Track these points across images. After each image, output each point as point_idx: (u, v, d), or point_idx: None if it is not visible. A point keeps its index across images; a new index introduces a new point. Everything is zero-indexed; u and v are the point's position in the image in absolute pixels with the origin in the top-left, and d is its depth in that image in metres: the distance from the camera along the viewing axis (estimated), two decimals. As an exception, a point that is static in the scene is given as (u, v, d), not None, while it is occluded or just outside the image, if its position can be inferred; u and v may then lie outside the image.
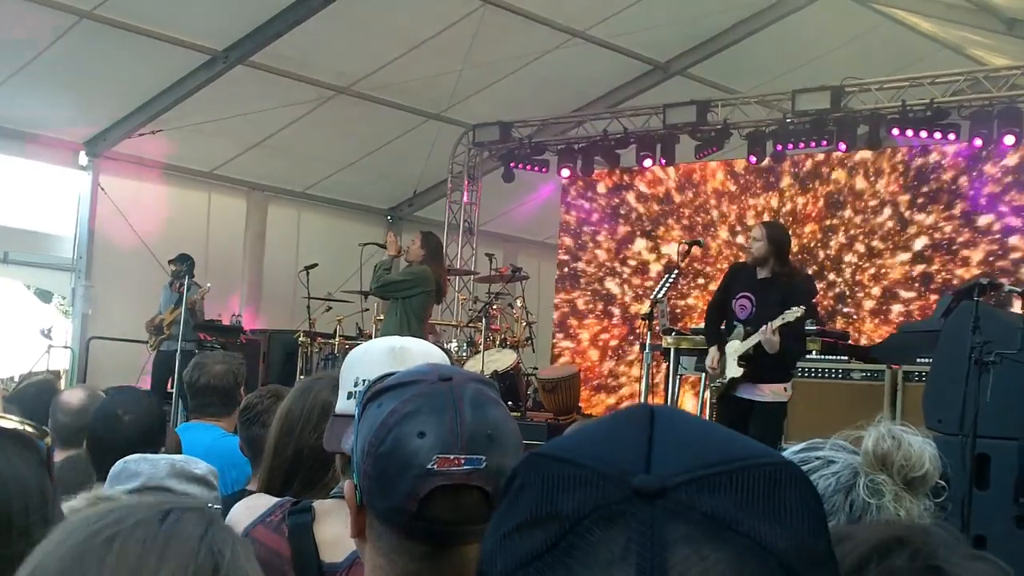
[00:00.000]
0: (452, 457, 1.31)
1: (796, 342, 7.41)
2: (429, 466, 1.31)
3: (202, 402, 4.39)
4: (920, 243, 11.86)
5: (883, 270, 12.10)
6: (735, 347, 7.38)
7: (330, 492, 2.13)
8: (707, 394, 7.70)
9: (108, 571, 0.95)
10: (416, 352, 1.99)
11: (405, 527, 1.34)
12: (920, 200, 11.87)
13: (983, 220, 11.49)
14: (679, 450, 0.73)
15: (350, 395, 1.99)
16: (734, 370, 7.36)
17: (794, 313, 7.05)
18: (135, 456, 2.66)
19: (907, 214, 11.94)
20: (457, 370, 1.44)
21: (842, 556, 1.00)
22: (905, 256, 11.94)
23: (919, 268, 11.86)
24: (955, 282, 11.11)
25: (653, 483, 0.70)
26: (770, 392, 7.36)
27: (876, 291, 12.15)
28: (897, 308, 11.97)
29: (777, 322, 7.08)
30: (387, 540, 1.37)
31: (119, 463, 2.64)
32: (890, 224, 12.05)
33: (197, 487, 2.60)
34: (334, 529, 1.96)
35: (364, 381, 1.97)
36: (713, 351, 7.51)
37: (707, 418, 7.42)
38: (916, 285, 11.89)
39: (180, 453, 3.30)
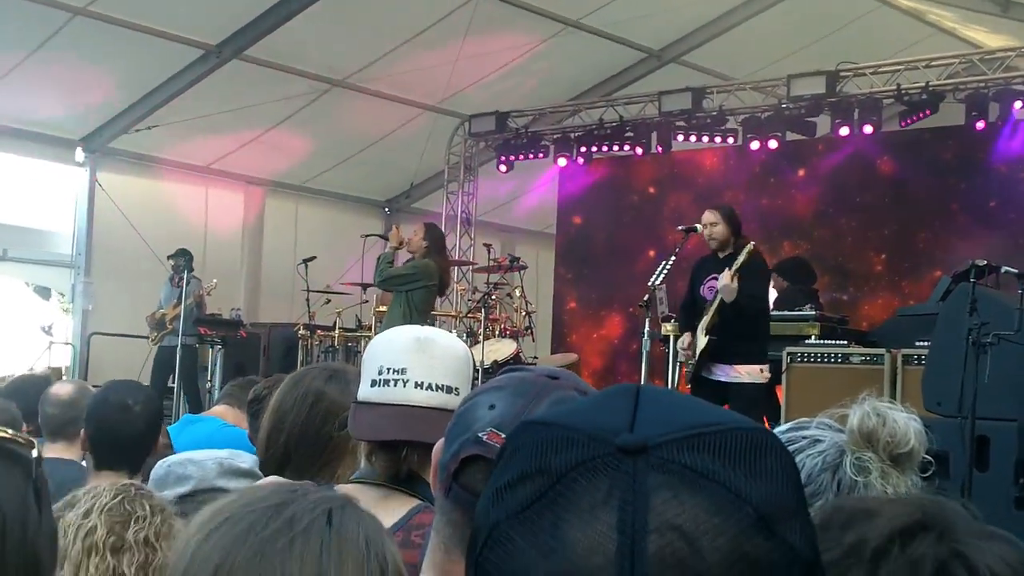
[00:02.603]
0: (502, 435, 1.33)
1: (754, 299, 7.43)
2: (481, 435, 1.35)
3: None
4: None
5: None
6: (703, 322, 7.48)
7: (334, 475, 2.12)
8: (674, 374, 7.84)
9: (294, 574, 1.05)
10: (441, 343, 2.03)
11: (445, 484, 1.38)
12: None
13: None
14: (662, 417, 0.78)
15: (374, 383, 2.01)
16: (702, 343, 7.43)
17: (745, 251, 7.24)
18: (178, 458, 2.63)
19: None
20: (575, 380, 1.45)
21: (863, 538, 1.01)
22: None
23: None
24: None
25: (636, 440, 0.75)
26: (745, 373, 7.38)
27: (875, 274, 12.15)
28: (895, 291, 11.97)
29: (736, 264, 7.22)
30: (437, 493, 1.42)
31: (161, 466, 2.62)
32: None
33: (246, 481, 2.59)
34: None
35: (389, 369, 1.99)
36: (686, 335, 7.66)
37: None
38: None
39: (171, 452, 3.28)
